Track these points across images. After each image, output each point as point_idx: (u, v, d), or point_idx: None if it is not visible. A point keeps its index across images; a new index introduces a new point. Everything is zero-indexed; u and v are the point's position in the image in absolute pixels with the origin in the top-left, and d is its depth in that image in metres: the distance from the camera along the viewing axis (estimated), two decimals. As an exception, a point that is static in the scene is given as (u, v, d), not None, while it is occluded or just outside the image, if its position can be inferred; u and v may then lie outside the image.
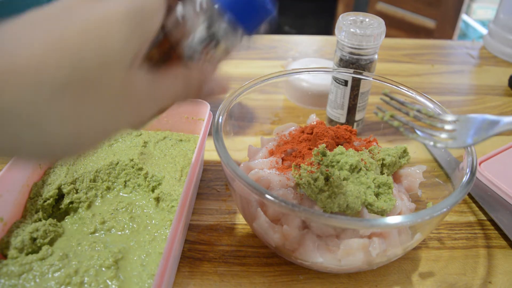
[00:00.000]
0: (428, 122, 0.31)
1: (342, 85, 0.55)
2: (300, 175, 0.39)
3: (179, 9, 0.26)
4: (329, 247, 0.36)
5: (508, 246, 0.44)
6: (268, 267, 0.41)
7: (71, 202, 0.43)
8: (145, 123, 0.25)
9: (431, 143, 0.30)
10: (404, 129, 0.30)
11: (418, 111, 0.32)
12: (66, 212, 0.43)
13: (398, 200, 0.40)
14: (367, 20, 0.53)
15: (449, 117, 0.30)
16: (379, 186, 0.39)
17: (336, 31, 0.54)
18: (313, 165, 0.40)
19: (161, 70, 0.25)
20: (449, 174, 0.43)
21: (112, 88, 0.21)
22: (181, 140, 0.52)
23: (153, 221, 0.42)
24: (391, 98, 0.33)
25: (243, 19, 0.26)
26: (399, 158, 0.44)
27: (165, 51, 0.27)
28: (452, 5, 1.82)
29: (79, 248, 0.37)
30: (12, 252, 0.36)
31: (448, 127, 0.30)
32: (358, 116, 0.58)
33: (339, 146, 0.41)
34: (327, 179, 0.37)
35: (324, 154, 0.40)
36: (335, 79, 0.55)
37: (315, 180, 0.37)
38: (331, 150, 0.42)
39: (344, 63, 0.55)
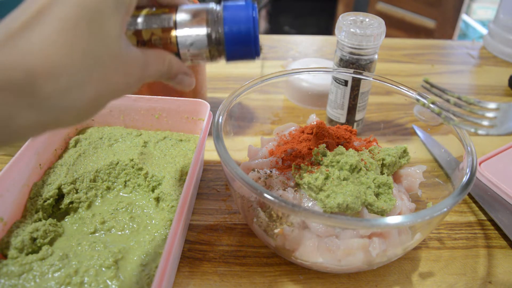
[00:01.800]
0: (469, 109, 0.31)
1: (342, 85, 0.55)
2: (300, 175, 0.39)
3: (185, 9, 0.28)
4: (329, 247, 0.36)
5: (508, 246, 0.44)
6: (268, 267, 0.41)
7: (71, 202, 0.43)
8: (127, 92, 0.26)
9: (472, 129, 0.29)
10: (445, 116, 0.29)
11: (459, 98, 0.31)
12: (66, 212, 0.43)
13: (398, 200, 0.40)
14: (367, 20, 0.53)
15: (491, 105, 0.30)
16: (379, 186, 0.39)
17: (336, 31, 0.54)
18: (313, 165, 0.40)
19: (147, 48, 0.28)
20: (449, 174, 0.43)
21: (109, 41, 0.23)
22: (181, 140, 0.52)
23: (153, 221, 0.42)
24: (432, 86, 0.32)
25: (233, 48, 0.30)
26: (399, 158, 0.44)
27: (152, 38, 0.29)
28: (452, 5, 1.82)
29: (79, 248, 0.37)
30: (12, 252, 0.36)
31: (489, 114, 0.30)
32: (358, 116, 0.58)
33: (339, 146, 0.41)
34: (326, 179, 0.37)
35: (324, 154, 0.40)
36: (335, 79, 0.55)
37: (315, 180, 0.37)
38: (331, 150, 0.42)
39: (344, 63, 0.55)
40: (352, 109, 0.57)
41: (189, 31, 0.29)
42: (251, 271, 0.40)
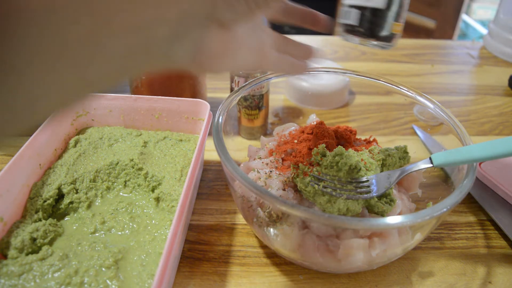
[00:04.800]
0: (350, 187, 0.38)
1: None
2: (298, 175, 0.39)
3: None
4: (329, 247, 0.36)
5: (508, 246, 0.44)
6: (268, 267, 0.41)
7: (71, 202, 0.43)
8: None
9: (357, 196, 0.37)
10: (336, 193, 0.36)
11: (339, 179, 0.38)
12: (66, 212, 0.43)
13: (398, 200, 0.40)
14: None
15: (363, 179, 0.39)
16: (379, 186, 0.39)
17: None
18: (312, 165, 0.40)
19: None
20: (449, 174, 0.43)
21: None
22: (181, 140, 0.52)
23: (153, 221, 0.42)
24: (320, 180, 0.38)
25: None
26: (399, 158, 0.44)
27: None
28: (452, 5, 1.82)
29: (79, 248, 0.37)
30: (12, 252, 0.36)
31: (364, 184, 0.38)
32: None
33: (339, 146, 0.41)
34: (318, 183, 0.37)
35: (323, 155, 0.40)
36: None
37: (306, 185, 0.37)
38: (330, 150, 0.41)
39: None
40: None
41: None
42: (251, 271, 0.40)
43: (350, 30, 0.39)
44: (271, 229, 0.37)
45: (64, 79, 0.18)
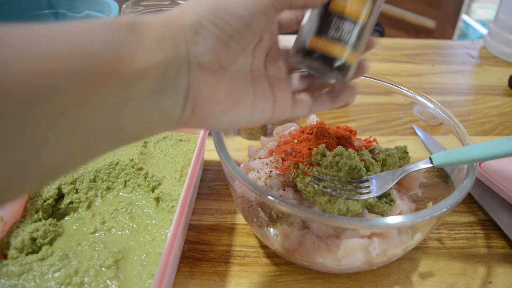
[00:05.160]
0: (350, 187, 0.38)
1: None
2: (298, 175, 0.39)
3: None
4: (329, 247, 0.36)
5: (508, 246, 0.44)
6: (268, 267, 0.41)
7: (71, 202, 0.43)
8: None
9: (356, 197, 0.37)
10: (336, 193, 0.36)
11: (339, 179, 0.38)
12: (66, 212, 0.43)
13: (398, 200, 0.40)
14: None
15: (363, 179, 0.39)
16: (379, 186, 0.39)
17: None
18: (312, 165, 0.40)
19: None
20: (449, 174, 0.43)
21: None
22: (181, 140, 0.52)
23: (153, 221, 0.42)
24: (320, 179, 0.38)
25: None
26: (399, 158, 0.44)
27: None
28: (452, 5, 1.82)
29: (79, 248, 0.37)
30: (12, 252, 0.36)
31: (364, 184, 0.38)
32: None
33: (339, 146, 0.41)
34: (318, 183, 0.37)
35: (323, 155, 0.40)
36: None
37: (306, 185, 0.37)
38: (330, 150, 0.41)
39: None
40: None
41: None
42: (251, 271, 0.40)
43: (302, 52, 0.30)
44: (271, 229, 0.37)
45: (46, 157, 0.19)
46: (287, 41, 0.32)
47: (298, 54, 0.29)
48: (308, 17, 0.30)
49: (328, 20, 0.28)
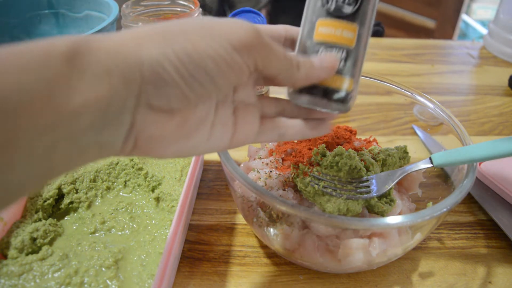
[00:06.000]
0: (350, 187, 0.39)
1: None
2: (298, 175, 0.39)
3: None
4: (329, 247, 0.36)
5: (508, 246, 0.44)
6: (268, 267, 0.41)
7: (71, 202, 0.43)
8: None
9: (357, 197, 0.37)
10: (336, 193, 0.36)
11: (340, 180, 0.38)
12: (66, 212, 0.43)
13: (398, 200, 0.40)
14: None
15: (363, 179, 0.39)
16: (379, 186, 0.39)
17: None
18: (312, 165, 0.40)
19: None
20: (449, 174, 0.43)
21: None
22: (181, 140, 0.52)
23: (153, 221, 0.42)
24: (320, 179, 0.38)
25: None
26: (399, 158, 0.44)
27: None
28: (452, 5, 1.82)
29: (79, 248, 0.37)
30: (12, 252, 0.36)
31: (364, 184, 0.38)
32: None
33: (339, 146, 0.41)
34: (318, 183, 0.37)
35: (323, 155, 0.40)
36: None
37: (306, 185, 0.37)
38: (330, 150, 0.42)
39: None
40: None
41: None
42: (251, 271, 0.40)
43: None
44: (271, 229, 0.37)
45: None
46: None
47: (295, 92, 0.28)
48: (297, 51, 0.29)
49: (316, 51, 0.27)
